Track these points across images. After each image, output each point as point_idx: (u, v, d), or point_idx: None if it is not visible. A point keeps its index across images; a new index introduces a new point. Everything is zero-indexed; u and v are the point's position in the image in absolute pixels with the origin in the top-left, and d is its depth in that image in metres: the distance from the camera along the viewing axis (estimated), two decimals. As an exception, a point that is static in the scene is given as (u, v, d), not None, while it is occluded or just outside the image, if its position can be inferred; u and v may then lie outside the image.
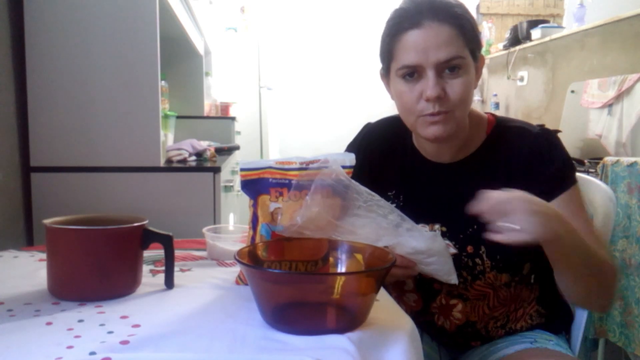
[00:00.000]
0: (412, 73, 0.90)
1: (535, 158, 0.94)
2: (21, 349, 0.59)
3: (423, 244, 0.80)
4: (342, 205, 0.79)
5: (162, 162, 1.53)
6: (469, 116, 0.99)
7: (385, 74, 0.99)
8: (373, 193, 0.82)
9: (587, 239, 0.87)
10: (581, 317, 1.07)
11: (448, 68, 0.88)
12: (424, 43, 0.87)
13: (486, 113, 1.04)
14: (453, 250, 0.97)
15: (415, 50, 0.88)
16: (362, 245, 0.78)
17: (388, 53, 0.94)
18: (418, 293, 1.03)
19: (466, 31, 0.89)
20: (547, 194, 0.91)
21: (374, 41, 0.97)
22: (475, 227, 0.96)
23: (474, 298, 0.99)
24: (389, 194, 1.04)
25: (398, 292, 1.05)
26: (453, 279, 0.85)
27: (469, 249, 0.97)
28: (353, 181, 0.81)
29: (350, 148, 1.12)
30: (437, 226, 0.99)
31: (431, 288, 1.01)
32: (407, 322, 0.70)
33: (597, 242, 0.90)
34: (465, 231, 0.96)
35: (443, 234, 0.98)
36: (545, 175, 0.93)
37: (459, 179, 1.00)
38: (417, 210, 0.92)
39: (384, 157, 1.07)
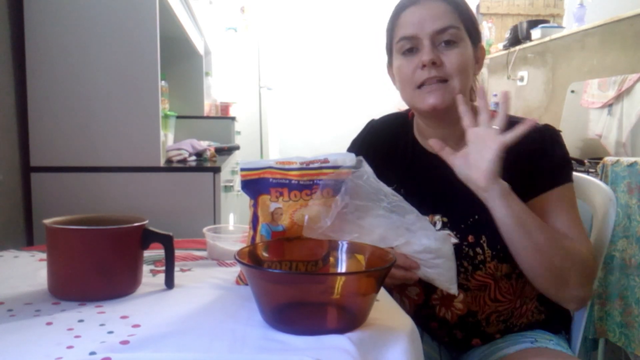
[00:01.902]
0: (411, 48, 0.96)
1: (536, 151, 0.96)
2: (21, 349, 0.59)
3: (434, 243, 0.81)
4: (368, 206, 0.80)
5: (162, 162, 1.53)
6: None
7: (389, 60, 1.04)
8: (396, 193, 0.84)
9: (569, 232, 0.91)
10: (581, 317, 1.07)
11: (444, 41, 0.94)
12: (420, 16, 0.95)
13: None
14: (454, 240, 0.97)
15: (412, 23, 0.95)
16: (362, 245, 0.78)
17: (390, 33, 1.01)
18: (420, 286, 1.03)
19: (461, 9, 0.96)
20: (540, 187, 0.94)
21: (374, 41, 1.00)
22: (476, 217, 0.97)
23: (475, 288, 1.00)
24: (391, 187, 1.04)
25: (400, 287, 1.05)
26: (453, 289, 0.85)
27: (470, 238, 0.98)
28: (381, 182, 0.82)
29: (354, 144, 1.14)
30: (437, 217, 1.00)
31: None
32: (407, 322, 0.70)
33: (577, 235, 0.91)
34: (467, 221, 0.97)
35: (444, 225, 0.99)
36: (542, 168, 0.95)
37: None
38: (418, 201, 0.93)
39: (387, 153, 1.09)
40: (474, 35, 0.98)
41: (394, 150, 1.09)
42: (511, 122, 1.01)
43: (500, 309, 1.01)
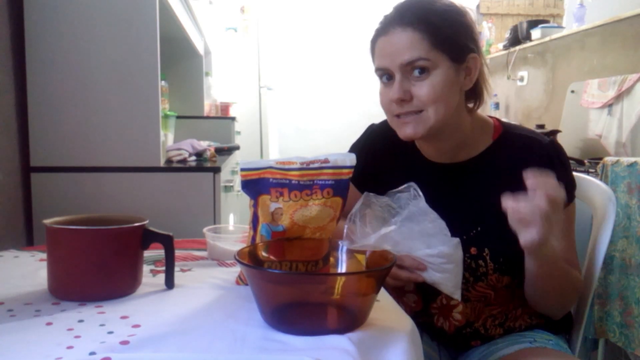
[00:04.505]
0: (388, 76, 0.95)
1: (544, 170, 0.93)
2: (21, 349, 0.59)
3: (448, 249, 0.82)
4: (410, 226, 0.83)
5: (162, 162, 1.53)
6: (472, 118, 0.99)
7: None
8: (438, 216, 0.84)
9: (567, 256, 0.95)
10: (581, 317, 1.07)
11: (416, 70, 0.91)
12: (390, 48, 0.92)
13: (491, 117, 1.04)
14: None
15: (384, 55, 0.94)
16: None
17: (372, 58, 1.00)
18: (418, 294, 1.03)
19: (435, 32, 0.89)
20: None
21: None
22: (478, 228, 0.96)
23: (474, 299, 0.99)
24: None
25: (398, 293, 1.05)
26: (457, 294, 0.85)
27: (473, 250, 0.97)
28: (427, 206, 0.85)
29: (353, 149, 1.13)
30: None
31: (432, 289, 1.01)
32: (407, 323, 0.70)
33: (573, 260, 0.97)
34: (469, 233, 0.96)
35: None
36: None
37: (462, 180, 1.00)
38: None
39: (388, 158, 1.08)
40: (457, 52, 0.92)
41: (394, 156, 1.07)
42: (517, 135, 1.00)
43: (494, 312, 1.01)
